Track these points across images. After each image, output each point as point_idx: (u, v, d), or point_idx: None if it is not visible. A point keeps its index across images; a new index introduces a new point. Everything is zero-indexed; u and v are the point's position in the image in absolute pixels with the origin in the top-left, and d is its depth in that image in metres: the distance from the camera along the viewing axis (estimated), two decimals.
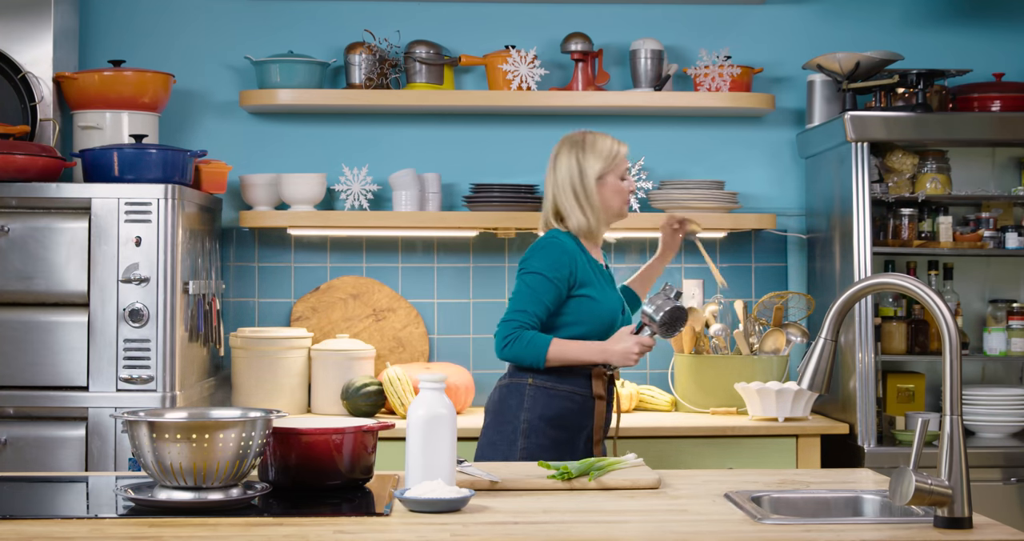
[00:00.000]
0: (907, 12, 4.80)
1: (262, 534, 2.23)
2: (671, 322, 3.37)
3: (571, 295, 3.47)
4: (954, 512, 2.30)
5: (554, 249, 3.46)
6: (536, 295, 3.43)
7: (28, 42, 4.27)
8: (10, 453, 3.82)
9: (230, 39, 4.69)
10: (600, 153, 3.57)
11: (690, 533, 2.29)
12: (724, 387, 4.37)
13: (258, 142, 4.67)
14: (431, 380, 2.59)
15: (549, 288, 3.43)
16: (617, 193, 3.59)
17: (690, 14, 4.76)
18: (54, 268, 3.85)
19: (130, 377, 3.84)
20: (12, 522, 2.32)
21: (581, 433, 3.45)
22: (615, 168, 3.58)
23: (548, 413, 3.40)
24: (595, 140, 3.59)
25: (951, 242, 4.37)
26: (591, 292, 3.48)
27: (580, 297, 3.47)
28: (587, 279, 3.48)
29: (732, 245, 4.74)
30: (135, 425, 2.40)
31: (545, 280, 3.43)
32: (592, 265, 3.52)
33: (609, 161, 3.57)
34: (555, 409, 3.40)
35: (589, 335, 3.47)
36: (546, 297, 3.43)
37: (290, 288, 4.65)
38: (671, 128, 4.75)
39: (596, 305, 3.48)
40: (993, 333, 4.42)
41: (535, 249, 3.48)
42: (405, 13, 4.70)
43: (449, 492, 2.45)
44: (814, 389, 2.54)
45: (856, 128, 4.22)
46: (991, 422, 4.33)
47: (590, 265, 3.51)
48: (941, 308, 2.38)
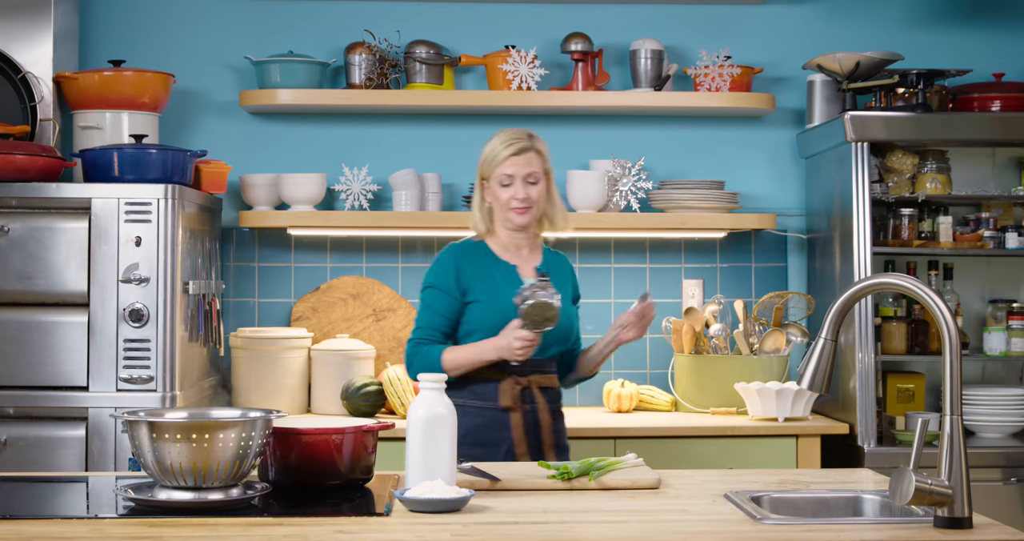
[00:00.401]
0: (907, 12, 4.80)
1: (262, 534, 2.23)
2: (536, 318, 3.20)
3: (465, 301, 3.40)
4: (954, 512, 2.30)
5: (437, 261, 3.45)
6: (429, 308, 3.41)
7: (28, 42, 4.27)
8: (10, 453, 3.82)
9: (230, 39, 4.69)
10: (482, 154, 3.46)
11: (690, 533, 2.29)
12: (724, 387, 4.37)
13: (258, 142, 4.67)
14: (431, 380, 2.59)
15: (440, 297, 3.40)
16: (496, 201, 3.45)
17: (690, 14, 4.76)
18: (54, 268, 3.85)
19: (130, 377, 3.84)
20: (12, 522, 2.32)
21: (499, 449, 3.32)
22: (493, 173, 3.43)
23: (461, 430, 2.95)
24: (490, 139, 3.47)
25: (951, 242, 4.37)
26: (481, 296, 3.39)
27: (472, 303, 3.39)
28: (476, 285, 3.40)
29: (732, 245, 4.74)
30: (135, 425, 2.40)
31: (435, 291, 3.41)
32: (493, 269, 3.43)
33: (486, 165, 3.45)
34: (466, 426, 3.15)
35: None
36: (439, 307, 3.39)
37: (290, 288, 4.65)
38: (671, 128, 4.75)
39: (486, 309, 3.38)
40: (993, 333, 4.42)
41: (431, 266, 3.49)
42: (405, 13, 4.70)
43: (449, 492, 2.45)
44: (814, 389, 2.54)
45: (856, 128, 4.22)
46: (991, 422, 4.33)
47: (489, 269, 3.42)
48: (941, 308, 2.38)
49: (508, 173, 3.41)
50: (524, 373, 3.37)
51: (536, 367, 3.39)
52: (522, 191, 3.41)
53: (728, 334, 4.51)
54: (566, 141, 4.72)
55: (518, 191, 3.41)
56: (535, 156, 3.44)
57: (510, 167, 3.41)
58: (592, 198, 4.49)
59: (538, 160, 3.45)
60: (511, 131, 3.46)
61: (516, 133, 3.46)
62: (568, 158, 4.70)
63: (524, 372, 3.37)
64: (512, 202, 3.42)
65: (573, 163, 4.68)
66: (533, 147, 3.45)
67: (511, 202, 3.42)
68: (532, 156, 3.44)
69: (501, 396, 3.34)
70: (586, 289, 4.68)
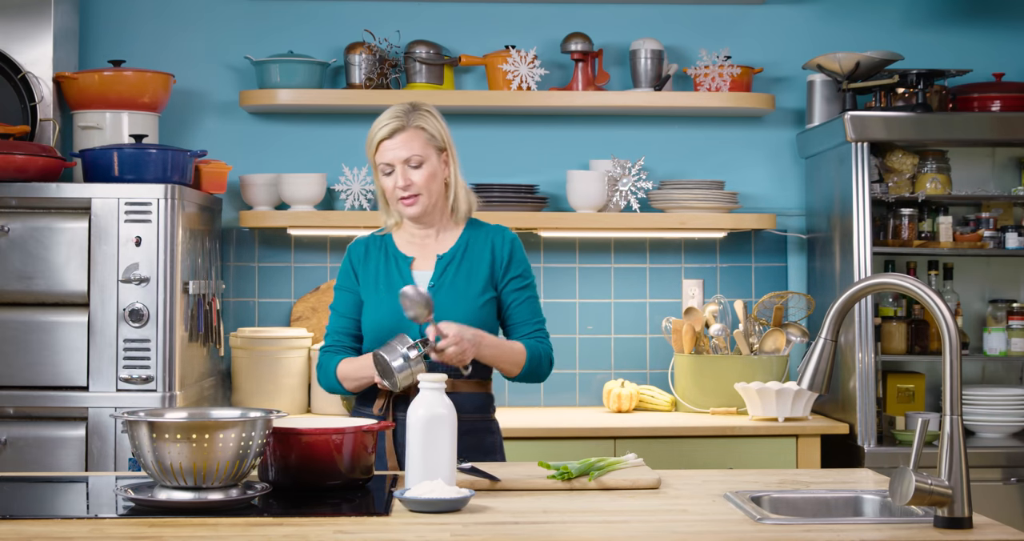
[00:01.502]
0: (907, 12, 4.80)
1: (262, 534, 2.23)
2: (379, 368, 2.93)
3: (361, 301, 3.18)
4: (954, 512, 2.30)
5: (343, 260, 3.23)
6: (335, 311, 3.20)
7: (28, 42, 4.27)
8: (10, 453, 3.82)
9: (230, 39, 4.69)
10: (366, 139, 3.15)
11: (690, 533, 2.29)
12: (724, 387, 4.37)
13: (258, 142, 4.67)
14: (431, 380, 2.59)
15: (343, 297, 3.18)
16: (383, 191, 3.15)
17: (690, 14, 4.76)
18: (54, 268, 3.85)
19: (130, 377, 3.84)
20: (12, 522, 2.32)
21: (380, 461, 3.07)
22: (375, 161, 3.12)
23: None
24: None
25: (951, 242, 4.37)
26: (367, 297, 3.16)
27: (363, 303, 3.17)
28: (367, 282, 3.16)
29: (732, 245, 4.74)
30: (135, 425, 2.40)
31: (339, 292, 3.20)
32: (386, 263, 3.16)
33: (367, 150, 3.14)
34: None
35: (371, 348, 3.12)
36: (343, 308, 3.18)
37: (290, 288, 4.65)
38: (671, 128, 4.75)
39: (369, 309, 3.15)
40: (993, 333, 4.42)
41: None
42: (405, 13, 4.70)
43: (449, 492, 2.45)
44: (814, 389, 2.54)
45: (856, 128, 4.22)
46: (991, 422, 4.33)
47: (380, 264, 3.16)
48: (941, 308, 2.38)
49: (386, 161, 3.09)
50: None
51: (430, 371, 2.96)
52: (402, 178, 3.08)
53: (728, 334, 4.51)
54: (566, 141, 4.73)
55: (398, 178, 3.08)
56: (415, 134, 3.08)
57: (386, 153, 3.08)
58: (592, 198, 4.49)
59: (419, 139, 3.08)
60: (392, 108, 3.11)
61: (394, 110, 3.10)
62: (568, 158, 4.70)
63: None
64: (396, 191, 3.09)
65: (573, 163, 4.68)
66: (410, 125, 3.08)
67: (395, 191, 3.10)
68: (410, 136, 3.08)
69: (375, 405, 3.10)
70: (586, 289, 4.70)
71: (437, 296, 3.07)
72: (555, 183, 4.69)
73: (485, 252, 3.17)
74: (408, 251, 3.18)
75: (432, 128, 3.12)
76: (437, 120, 3.14)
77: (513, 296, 3.17)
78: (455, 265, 3.14)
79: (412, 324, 3.02)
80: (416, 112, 3.10)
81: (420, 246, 3.18)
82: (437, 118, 3.15)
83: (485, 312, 3.13)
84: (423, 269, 3.15)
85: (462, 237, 3.19)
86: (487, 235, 3.19)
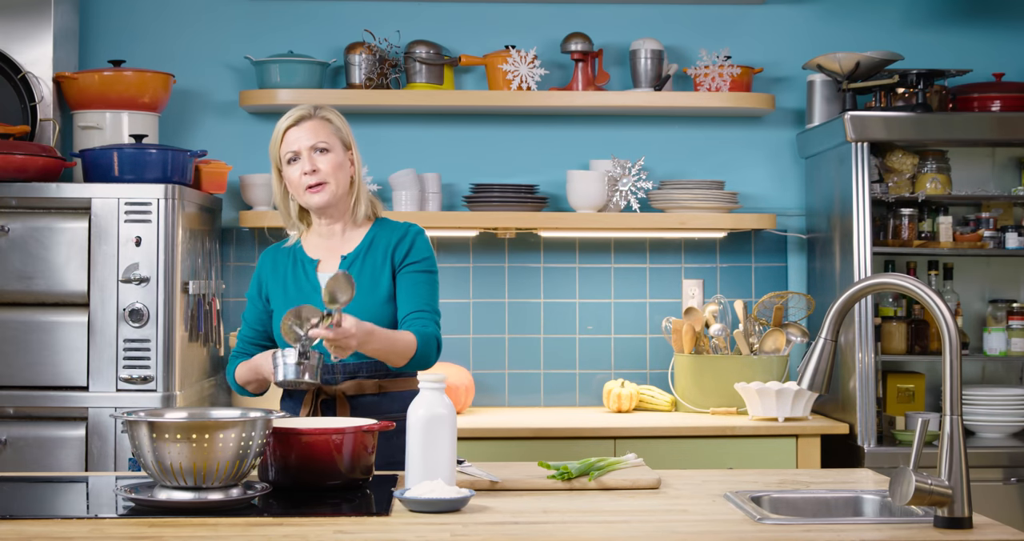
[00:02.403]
0: (907, 12, 4.80)
1: (262, 534, 2.23)
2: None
3: (270, 310, 3.15)
4: (954, 512, 2.30)
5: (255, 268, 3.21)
6: (244, 320, 3.19)
7: (28, 42, 4.27)
8: (10, 453, 3.82)
9: (230, 39, 4.69)
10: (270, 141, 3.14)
11: (690, 533, 2.29)
12: (724, 387, 4.36)
13: (258, 142, 4.67)
14: (431, 380, 2.59)
15: (249, 306, 3.18)
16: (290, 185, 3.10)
17: (690, 14, 4.76)
18: (54, 268, 3.85)
19: (130, 377, 3.84)
20: (12, 522, 2.32)
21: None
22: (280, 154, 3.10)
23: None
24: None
25: (951, 242, 4.37)
26: (276, 305, 3.12)
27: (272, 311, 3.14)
28: (274, 290, 3.13)
29: (732, 245, 4.74)
30: (135, 425, 2.40)
31: (248, 300, 3.19)
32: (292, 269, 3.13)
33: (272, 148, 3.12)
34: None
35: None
36: (249, 316, 3.17)
37: None
38: (671, 128, 4.75)
39: (276, 320, 3.11)
40: (993, 333, 4.42)
41: None
42: (405, 13, 4.70)
43: (449, 492, 2.45)
44: (814, 389, 2.54)
45: (856, 128, 4.22)
46: (991, 422, 4.33)
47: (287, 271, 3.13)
48: (941, 308, 2.38)
49: (292, 149, 3.05)
50: (332, 382, 3.03)
51: (350, 373, 3.04)
52: (308, 163, 3.04)
53: (728, 334, 4.51)
54: (566, 141, 4.73)
55: (304, 164, 3.04)
56: (321, 124, 3.09)
57: (292, 141, 3.06)
58: (592, 198, 4.49)
59: (326, 128, 3.08)
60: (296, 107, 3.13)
61: (298, 107, 3.12)
62: (568, 158, 4.70)
63: (332, 381, 3.03)
64: (303, 178, 3.04)
65: (573, 163, 4.68)
66: (317, 115, 3.10)
67: (302, 179, 3.04)
68: (316, 124, 3.08)
69: (303, 407, 3.05)
70: (586, 289, 4.69)
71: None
72: (555, 183, 4.69)
73: (389, 247, 3.11)
74: (314, 254, 3.14)
75: (338, 121, 3.13)
76: (341, 118, 3.15)
77: (406, 279, 3.09)
78: (359, 263, 3.09)
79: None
80: (321, 108, 3.12)
81: (326, 248, 3.14)
82: (341, 117, 3.16)
83: (390, 309, 3.08)
84: (328, 270, 3.10)
85: (367, 236, 3.14)
86: (392, 231, 3.14)
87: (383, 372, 3.05)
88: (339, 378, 3.04)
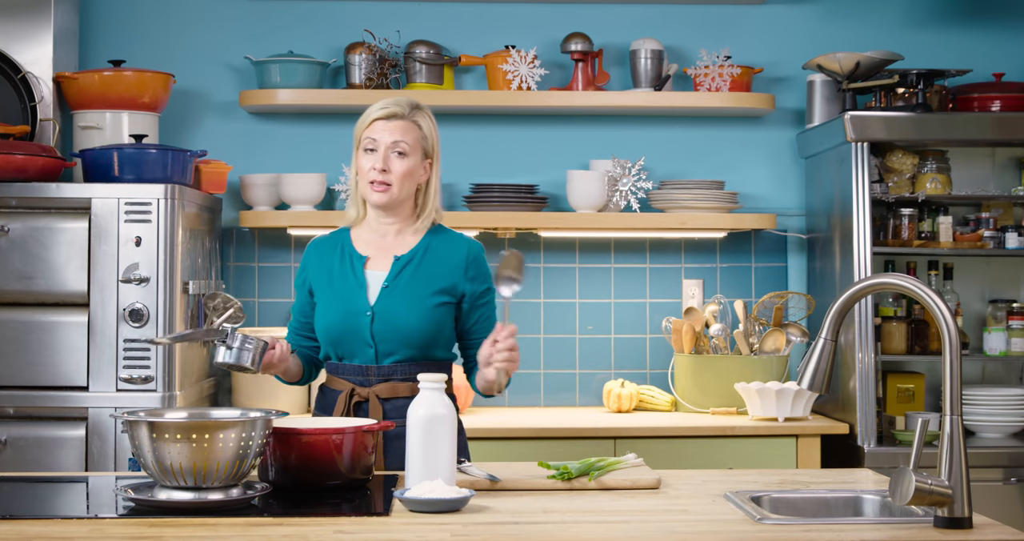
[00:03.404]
0: (907, 12, 4.80)
1: (262, 534, 2.23)
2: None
3: (314, 303, 3.12)
4: (954, 512, 2.30)
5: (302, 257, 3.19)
6: (293, 309, 3.20)
7: (28, 42, 4.27)
8: (10, 453, 3.82)
9: (230, 39, 4.69)
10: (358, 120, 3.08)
11: (690, 533, 2.29)
12: (724, 387, 4.37)
13: (258, 142, 4.67)
14: (431, 380, 2.59)
15: (297, 296, 3.16)
16: (359, 171, 3.06)
17: (690, 14, 4.76)
18: (54, 268, 3.85)
19: (130, 377, 3.84)
20: (12, 522, 2.32)
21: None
22: (361, 138, 3.04)
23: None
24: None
25: (951, 242, 4.37)
26: (318, 297, 3.10)
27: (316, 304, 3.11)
28: (319, 283, 3.10)
29: (732, 245, 4.74)
30: (135, 425, 2.40)
31: (296, 290, 3.17)
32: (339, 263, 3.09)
33: (357, 129, 3.07)
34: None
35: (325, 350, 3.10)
36: (295, 307, 3.17)
37: (290, 288, 4.64)
38: (671, 128, 4.75)
39: (317, 313, 3.09)
40: (993, 333, 4.42)
41: None
42: (405, 13, 4.70)
43: (449, 492, 2.45)
44: (814, 389, 2.54)
45: (856, 128, 4.22)
46: (991, 422, 4.33)
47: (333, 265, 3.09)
48: (941, 308, 2.38)
49: (372, 137, 3.01)
50: (366, 383, 3.02)
51: (384, 375, 3.03)
52: (382, 161, 3.00)
53: (728, 334, 4.51)
54: (566, 141, 4.73)
55: (378, 160, 3.00)
56: (410, 127, 3.03)
57: (376, 132, 3.02)
58: (592, 198, 4.49)
59: (412, 133, 3.03)
60: (395, 98, 3.07)
61: (398, 100, 3.05)
62: (568, 158, 4.70)
63: (366, 382, 3.02)
64: (371, 172, 3.01)
65: (573, 163, 4.69)
66: (410, 117, 3.04)
67: (369, 172, 3.01)
68: (406, 125, 3.03)
69: (336, 409, 3.04)
70: (586, 289, 4.69)
71: (389, 297, 3.02)
72: (555, 183, 4.69)
73: (447, 259, 3.07)
74: (364, 250, 3.09)
75: (427, 129, 3.07)
76: (433, 124, 3.10)
77: (479, 312, 3.11)
78: (412, 267, 3.05)
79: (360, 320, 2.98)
80: (418, 109, 3.07)
81: (378, 246, 3.09)
82: (433, 123, 3.10)
83: (437, 316, 3.04)
84: (378, 269, 3.07)
85: (423, 241, 3.09)
86: (451, 242, 3.10)
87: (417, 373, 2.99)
88: (373, 380, 3.02)
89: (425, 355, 3.04)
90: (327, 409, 3.10)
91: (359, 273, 3.06)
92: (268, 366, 2.99)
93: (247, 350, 2.84)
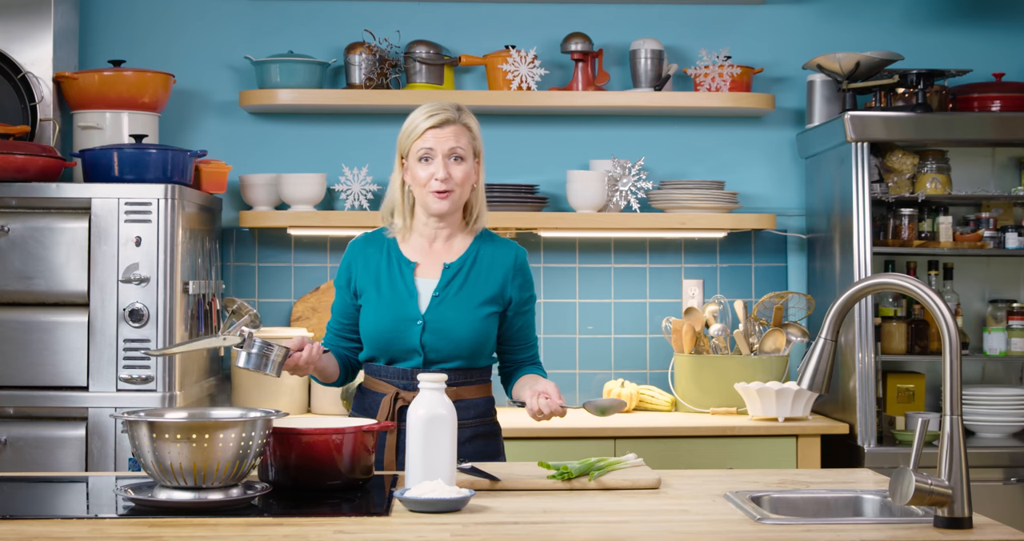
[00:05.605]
0: (907, 12, 4.81)
1: (262, 534, 2.23)
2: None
3: (357, 304, 3.10)
4: (954, 512, 2.30)
5: (343, 256, 3.16)
6: (333, 309, 3.17)
7: (28, 42, 4.27)
8: (10, 453, 3.82)
9: (230, 39, 4.69)
10: (402, 130, 3.04)
11: (690, 533, 2.29)
12: (724, 387, 4.37)
13: (258, 142, 4.67)
14: (431, 380, 2.59)
15: (337, 296, 3.13)
16: (414, 182, 3.03)
17: (690, 14, 4.76)
18: (54, 268, 3.85)
19: (130, 377, 3.84)
20: (12, 522, 2.32)
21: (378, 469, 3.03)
22: (411, 149, 3.01)
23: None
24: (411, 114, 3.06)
25: (951, 242, 4.37)
26: (365, 301, 3.07)
27: (362, 307, 3.08)
28: (365, 287, 3.07)
29: (732, 245, 4.74)
30: (135, 425, 2.40)
31: (336, 290, 3.14)
32: (388, 267, 3.07)
33: (404, 138, 3.03)
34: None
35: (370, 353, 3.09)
36: (336, 307, 3.14)
37: (290, 288, 4.65)
38: (671, 128, 4.75)
39: (364, 318, 3.07)
40: (993, 333, 4.42)
41: None
42: (405, 13, 4.70)
43: (449, 492, 2.45)
44: (814, 389, 2.54)
45: (856, 128, 4.22)
46: (991, 422, 4.33)
47: (381, 267, 3.07)
48: (941, 308, 2.38)
49: (428, 146, 2.98)
50: (411, 388, 3.00)
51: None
52: (443, 169, 2.98)
53: (728, 334, 4.51)
54: (566, 141, 4.73)
55: (439, 169, 2.98)
56: (462, 130, 3.02)
57: (431, 141, 2.99)
58: (592, 198, 4.49)
59: (465, 136, 3.02)
60: (436, 102, 3.05)
61: (442, 104, 3.04)
62: (568, 158, 4.70)
63: (411, 386, 3.00)
64: (432, 182, 2.98)
65: (573, 163, 4.69)
66: (460, 120, 3.02)
67: (431, 182, 2.98)
68: (459, 129, 3.01)
69: (380, 412, 3.03)
70: (586, 289, 4.69)
71: (440, 306, 3.03)
72: (555, 183, 4.69)
73: (496, 266, 3.08)
74: (413, 256, 3.08)
75: (476, 129, 3.07)
76: (478, 125, 3.10)
77: (522, 319, 3.13)
78: (462, 275, 3.05)
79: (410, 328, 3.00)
80: (464, 112, 3.05)
81: (427, 252, 3.08)
82: (477, 123, 3.10)
83: (486, 325, 3.06)
84: (428, 276, 3.06)
85: (472, 247, 3.09)
86: (498, 249, 3.10)
87: (461, 380, 3.04)
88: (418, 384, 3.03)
89: (471, 363, 3.06)
90: (367, 410, 3.09)
91: (408, 279, 3.05)
92: (295, 369, 2.96)
93: (265, 356, 2.85)
